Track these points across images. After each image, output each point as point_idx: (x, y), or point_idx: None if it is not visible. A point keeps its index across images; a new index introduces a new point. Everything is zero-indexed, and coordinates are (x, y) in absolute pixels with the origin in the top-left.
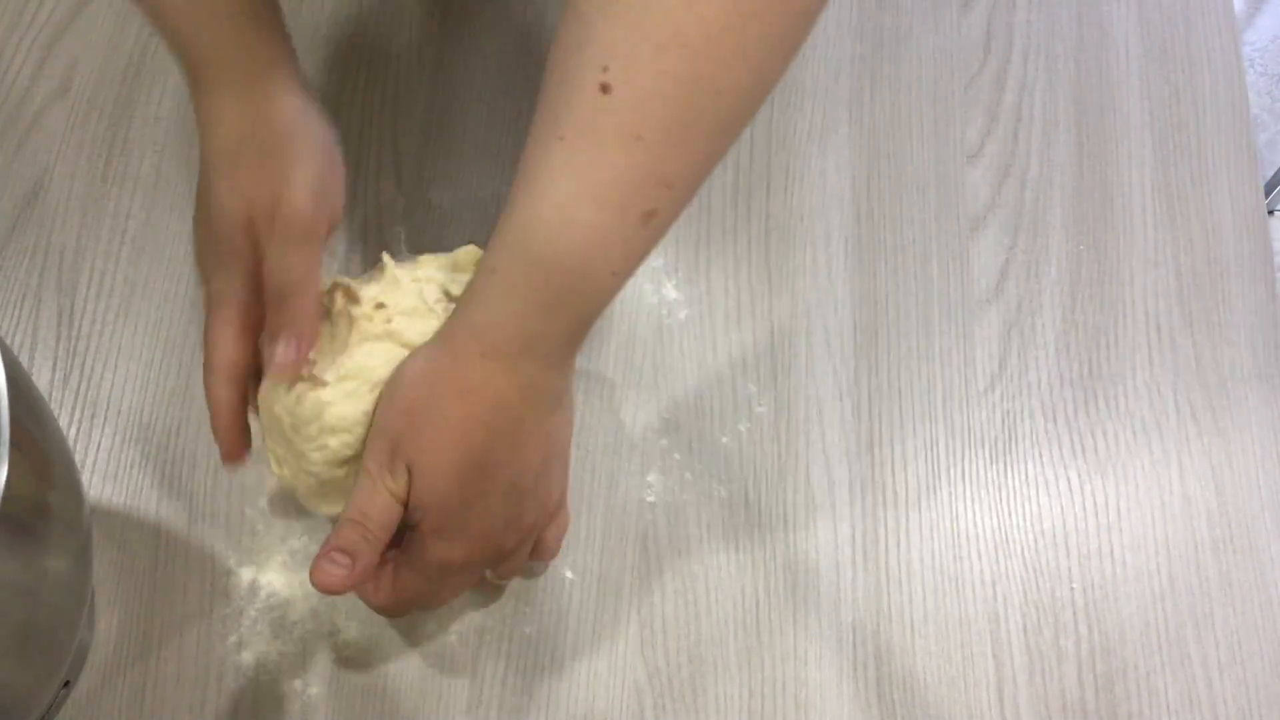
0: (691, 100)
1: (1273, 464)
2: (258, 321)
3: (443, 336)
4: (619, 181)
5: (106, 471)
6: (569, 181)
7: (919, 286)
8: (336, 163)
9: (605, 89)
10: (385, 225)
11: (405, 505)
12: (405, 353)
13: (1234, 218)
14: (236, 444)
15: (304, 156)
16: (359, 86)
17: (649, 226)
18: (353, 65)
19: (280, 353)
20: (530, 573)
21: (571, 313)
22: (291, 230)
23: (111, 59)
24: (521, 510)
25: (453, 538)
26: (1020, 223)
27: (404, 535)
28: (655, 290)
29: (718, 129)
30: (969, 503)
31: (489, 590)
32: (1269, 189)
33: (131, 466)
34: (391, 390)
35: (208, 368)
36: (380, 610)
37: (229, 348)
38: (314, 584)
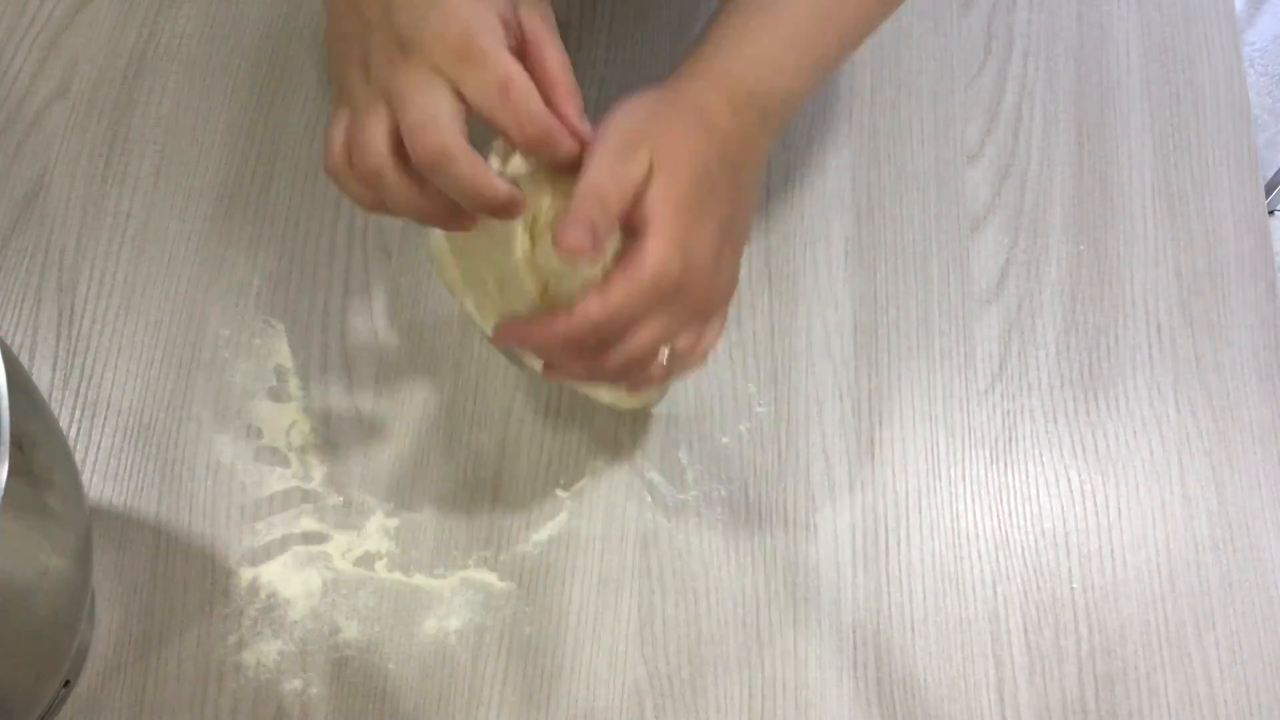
0: None
1: (1273, 464)
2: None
3: (675, 76)
4: None
5: (106, 471)
6: None
7: (919, 286)
8: None
9: None
10: (385, 227)
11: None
12: None
13: (1234, 218)
14: (465, 215)
15: None
16: None
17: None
18: None
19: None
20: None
21: (799, 76)
22: (549, 23)
23: (111, 59)
24: (725, 258)
25: (674, 249)
26: (1020, 223)
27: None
28: None
29: None
30: (969, 503)
31: (695, 364)
32: (1269, 189)
33: (131, 466)
34: (624, 106)
35: (528, 100)
36: (555, 338)
37: (450, 107)
38: (561, 246)
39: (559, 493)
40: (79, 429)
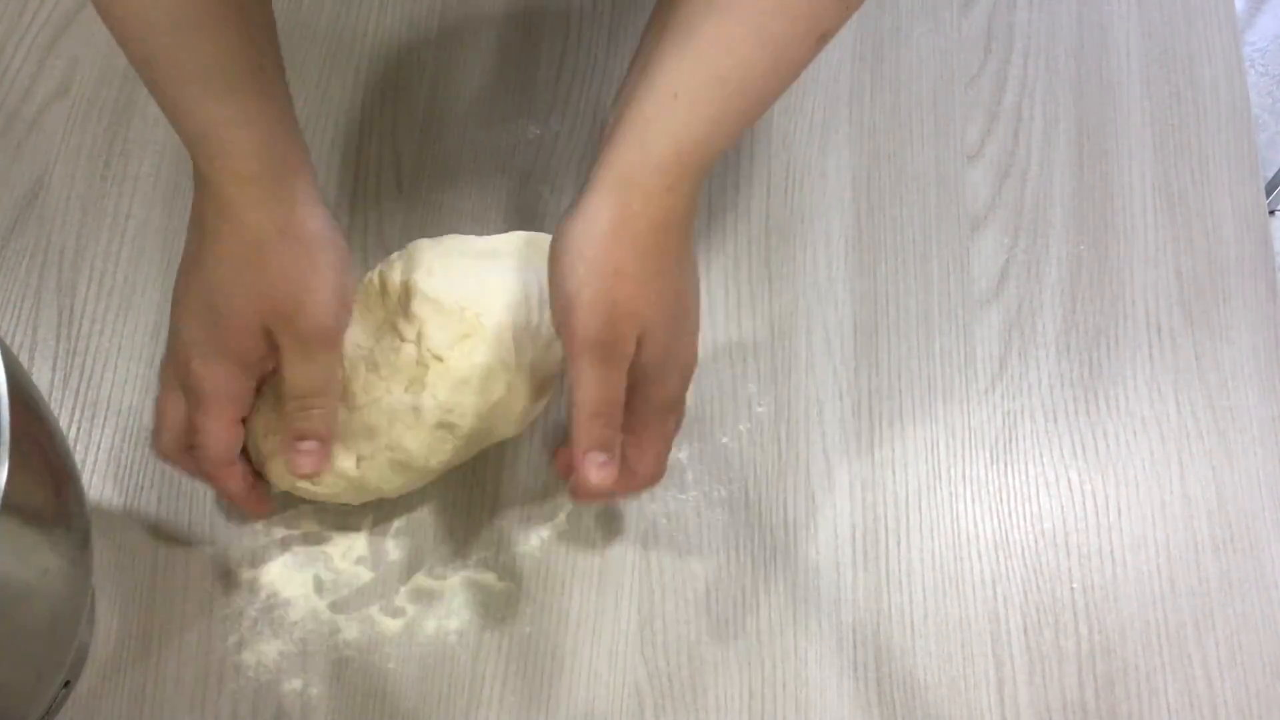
0: None
1: (1273, 464)
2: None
3: (618, 180)
4: (806, 3)
5: (106, 471)
6: (757, 4)
7: (919, 286)
8: (351, 271)
9: None
10: (385, 225)
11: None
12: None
13: (1234, 218)
14: (263, 503)
15: (329, 263)
16: (359, 86)
17: (818, 48)
18: (353, 65)
19: (306, 461)
20: None
21: (734, 134)
22: (316, 337)
23: (111, 59)
24: (694, 321)
25: (672, 373)
26: (1020, 223)
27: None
28: None
29: None
30: (969, 503)
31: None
32: (1269, 189)
33: (131, 466)
34: (585, 261)
35: (210, 459)
36: (625, 486)
37: (232, 440)
38: (580, 496)
39: (559, 493)
40: (79, 429)
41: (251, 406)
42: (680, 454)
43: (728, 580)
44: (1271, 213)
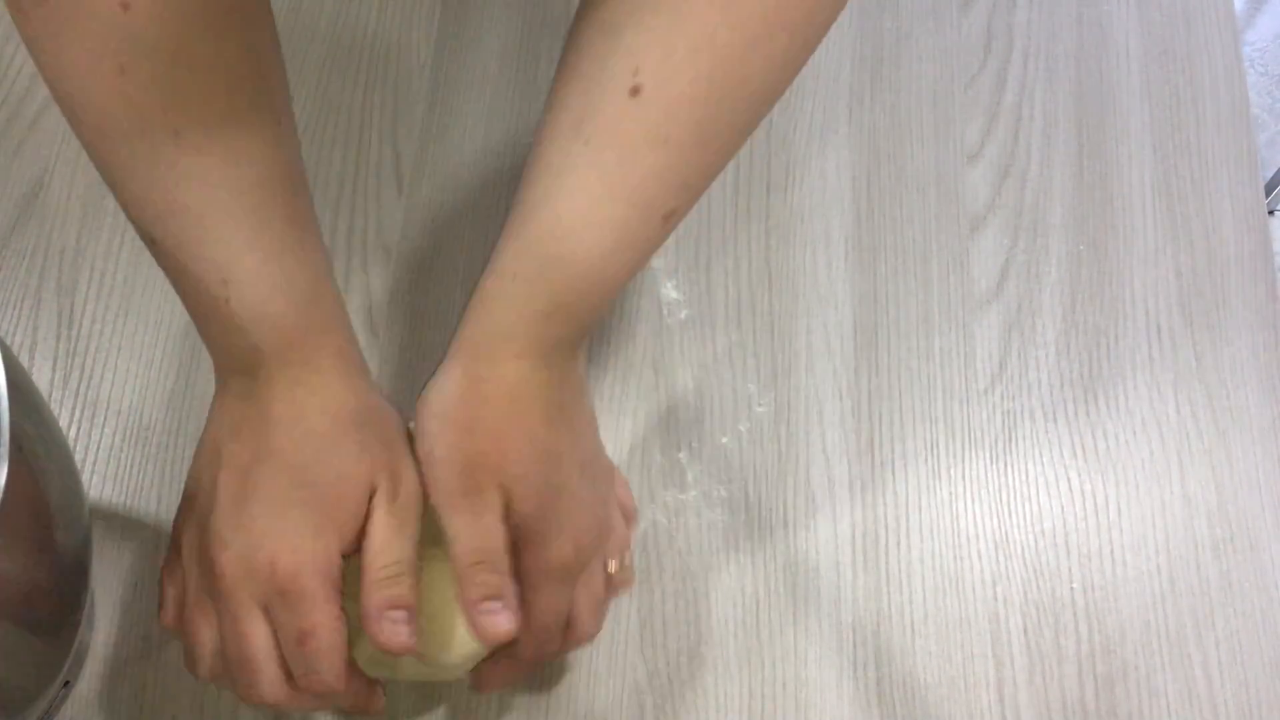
0: (719, 104)
1: (1273, 464)
2: None
3: (466, 350)
4: (646, 184)
5: (106, 471)
6: (595, 184)
7: (919, 286)
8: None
9: (636, 92)
10: (385, 227)
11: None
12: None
13: (1234, 218)
14: (379, 695)
15: (403, 435)
16: (359, 86)
17: (668, 225)
18: (353, 65)
19: (401, 632)
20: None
21: (589, 308)
22: (412, 506)
23: None
24: (601, 486)
25: (559, 535)
26: (1020, 223)
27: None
28: (655, 290)
29: (738, 130)
30: (969, 503)
31: (622, 586)
32: (1269, 189)
33: (131, 466)
34: (433, 418)
35: (329, 664)
36: (529, 660)
37: (344, 634)
38: (489, 641)
39: None
40: (79, 429)
41: None
42: (680, 454)
43: (727, 580)
44: (1271, 213)
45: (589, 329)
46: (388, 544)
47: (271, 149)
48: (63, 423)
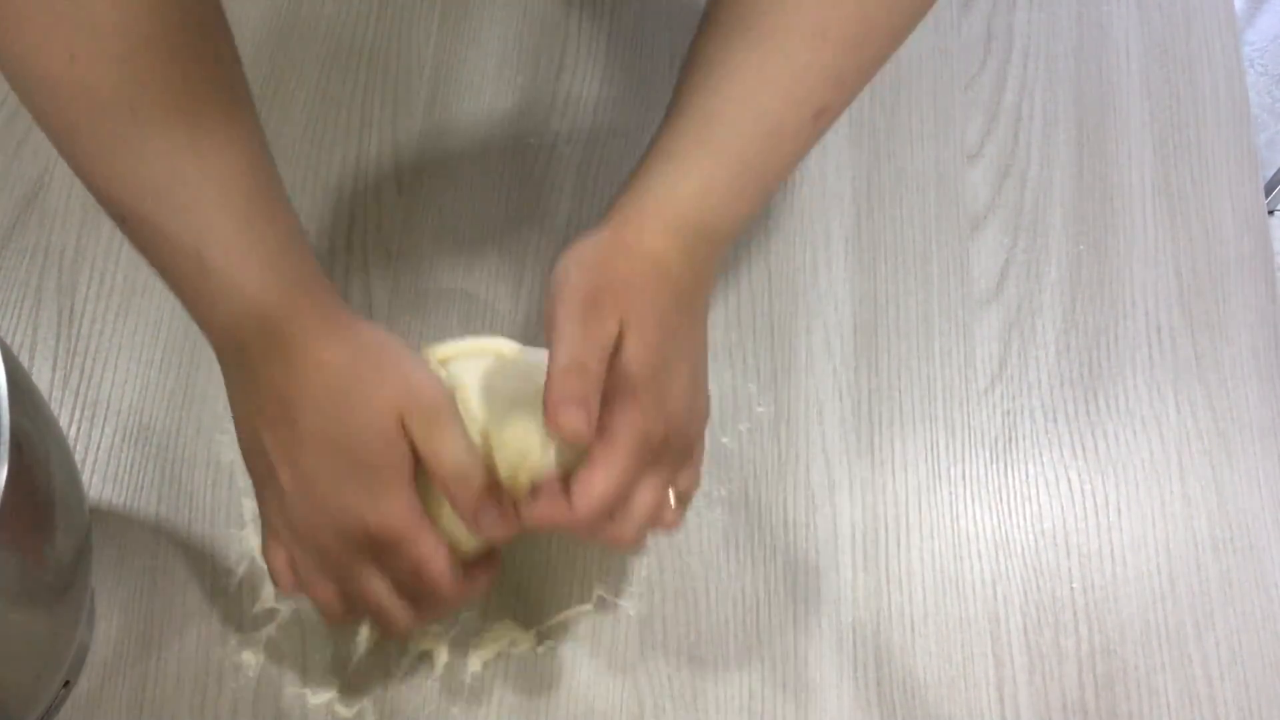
0: (878, 3)
1: (1273, 464)
2: None
3: (617, 217)
4: (802, 77)
5: (106, 471)
6: (754, 73)
7: (919, 286)
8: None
9: None
10: (385, 227)
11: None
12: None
13: (1234, 218)
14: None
15: (406, 353)
16: (359, 86)
17: (819, 123)
18: (352, 65)
19: (496, 524)
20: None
21: (744, 202)
22: (445, 410)
23: None
24: (702, 390)
25: (655, 404)
26: (1020, 223)
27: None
28: None
29: (891, 34)
30: (969, 503)
31: (676, 521)
32: (1269, 189)
33: (131, 466)
34: (572, 260)
35: (447, 586)
36: (569, 518)
37: (449, 553)
38: (559, 429)
39: None
40: (79, 429)
41: None
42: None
43: (728, 580)
44: (1271, 213)
45: (734, 232)
46: (442, 458)
47: (229, 120)
48: (63, 423)
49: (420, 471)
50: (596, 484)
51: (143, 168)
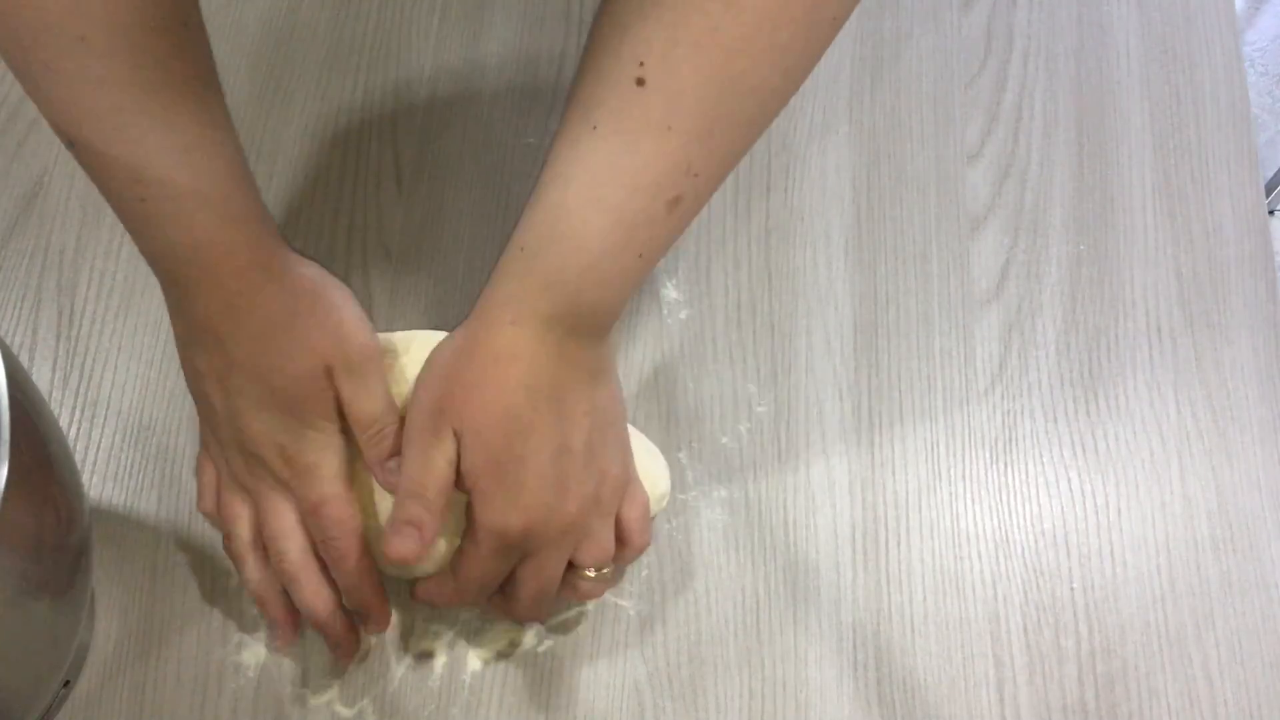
0: (723, 96)
1: (1273, 464)
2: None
3: (474, 313)
4: (649, 168)
5: (106, 471)
6: (600, 167)
7: (919, 286)
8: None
9: (640, 82)
10: (385, 227)
11: (456, 472)
12: None
13: (1234, 218)
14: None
15: (343, 300)
16: (359, 86)
17: (675, 213)
18: (352, 65)
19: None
20: (619, 573)
21: (597, 292)
22: (370, 362)
23: None
24: (576, 476)
25: (506, 502)
26: (1020, 223)
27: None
28: (655, 290)
29: (744, 124)
30: (969, 503)
31: (587, 596)
32: (1269, 189)
33: (131, 466)
34: (428, 365)
35: (348, 533)
36: (453, 599)
37: (357, 520)
38: (390, 559)
39: None
40: (79, 429)
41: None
42: (680, 454)
43: (728, 580)
44: (1271, 213)
45: (601, 315)
46: (359, 408)
47: (179, 53)
48: (63, 423)
49: (358, 468)
50: (459, 574)
51: (88, 96)
